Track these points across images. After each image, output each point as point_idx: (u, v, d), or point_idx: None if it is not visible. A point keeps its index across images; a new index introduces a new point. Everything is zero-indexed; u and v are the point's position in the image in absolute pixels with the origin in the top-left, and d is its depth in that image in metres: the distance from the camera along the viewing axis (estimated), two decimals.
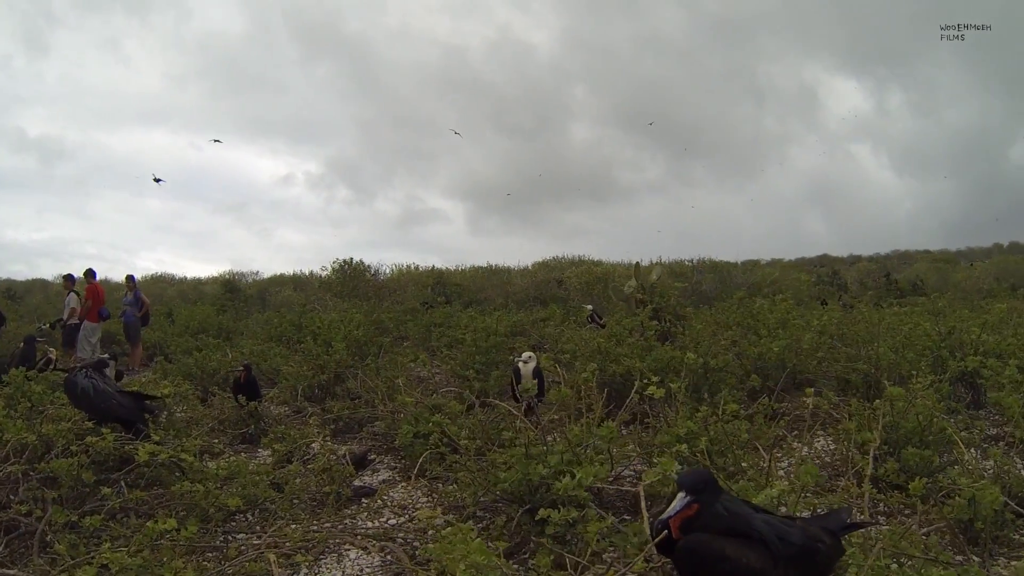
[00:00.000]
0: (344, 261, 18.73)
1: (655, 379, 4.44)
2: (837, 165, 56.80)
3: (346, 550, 3.86)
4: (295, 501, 4.46)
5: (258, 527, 4.18)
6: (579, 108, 74.31)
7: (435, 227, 58.07)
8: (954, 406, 5.59)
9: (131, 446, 4.33)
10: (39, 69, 71.38)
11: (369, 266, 19.44)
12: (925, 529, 3.47)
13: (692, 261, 19.01)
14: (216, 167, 70.52)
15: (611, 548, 3.26)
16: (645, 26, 74.04)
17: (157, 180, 16.39)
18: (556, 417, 5.36)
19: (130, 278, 13.04)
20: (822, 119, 64.85)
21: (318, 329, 8.69)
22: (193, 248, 58.59)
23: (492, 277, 19.63)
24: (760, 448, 4.46)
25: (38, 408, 5.23)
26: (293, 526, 3.95)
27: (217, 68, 78.73)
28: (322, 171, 70.12)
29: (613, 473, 4.22)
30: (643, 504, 2.91)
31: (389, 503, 4.56)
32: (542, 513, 3.28)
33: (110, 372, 5.87)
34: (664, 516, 2.18)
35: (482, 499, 4.08)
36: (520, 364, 5.64)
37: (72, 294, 11.75)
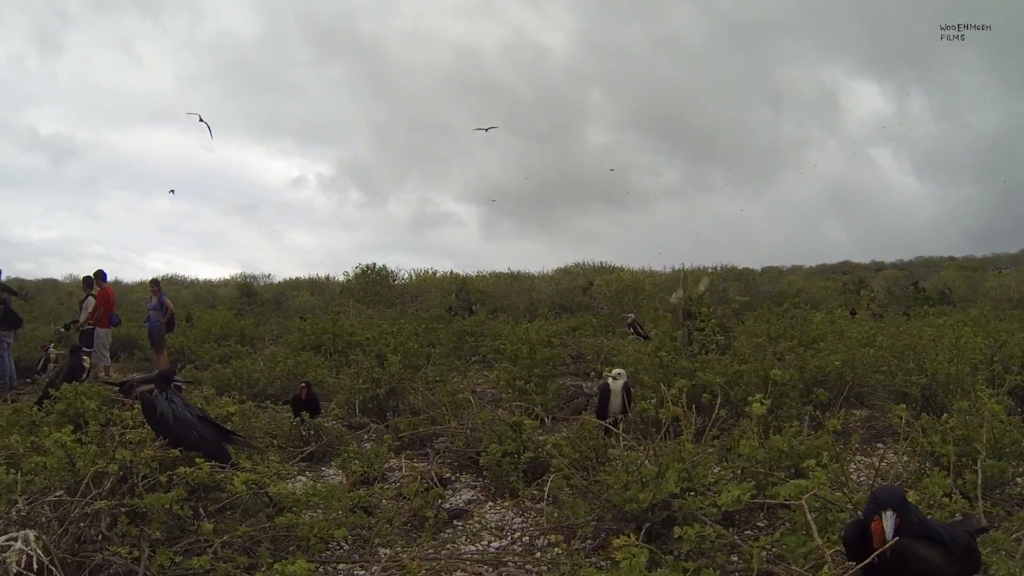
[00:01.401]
0: (367, 266, 18.56)
1: (758, 396, 4.45)
2: (858, 170, 56.38)
3: None
4: (388, 526, 4.34)
5: (356, 555, 4.06)
6: (595, 111, 73.91)
7: (448, 231, 57.64)
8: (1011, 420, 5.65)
9: (222, 475, 4.17)
10: (52, 69, 70.71)
11: (392, 271, 19.28)
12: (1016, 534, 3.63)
13: (716, 268, 18.96)
14: (226, 168, 69.90)
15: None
16: (661, 29, 73.66)
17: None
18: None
19: (155, 282, 12.88)
20: (842, 123, 64.36)
21: (368, 341, 8.53)
22: (202, 249, 58.31)
23: (515, 284, 19.40)
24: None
25: (106, 428, 5.04)
26: (408, 556, 3.83)
27: (229, 69, 78.06)
28: (334, 173, 69.70)
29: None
30: (808, 517, 3.08)
31: (487, 525, 4.45)
32: (677, 531, 3.40)
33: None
34: (890, 534, 2.48)
35: (593, 520, 4.00)
36: (610, 380, 5.56)
37: (91, 298, 11.55)
